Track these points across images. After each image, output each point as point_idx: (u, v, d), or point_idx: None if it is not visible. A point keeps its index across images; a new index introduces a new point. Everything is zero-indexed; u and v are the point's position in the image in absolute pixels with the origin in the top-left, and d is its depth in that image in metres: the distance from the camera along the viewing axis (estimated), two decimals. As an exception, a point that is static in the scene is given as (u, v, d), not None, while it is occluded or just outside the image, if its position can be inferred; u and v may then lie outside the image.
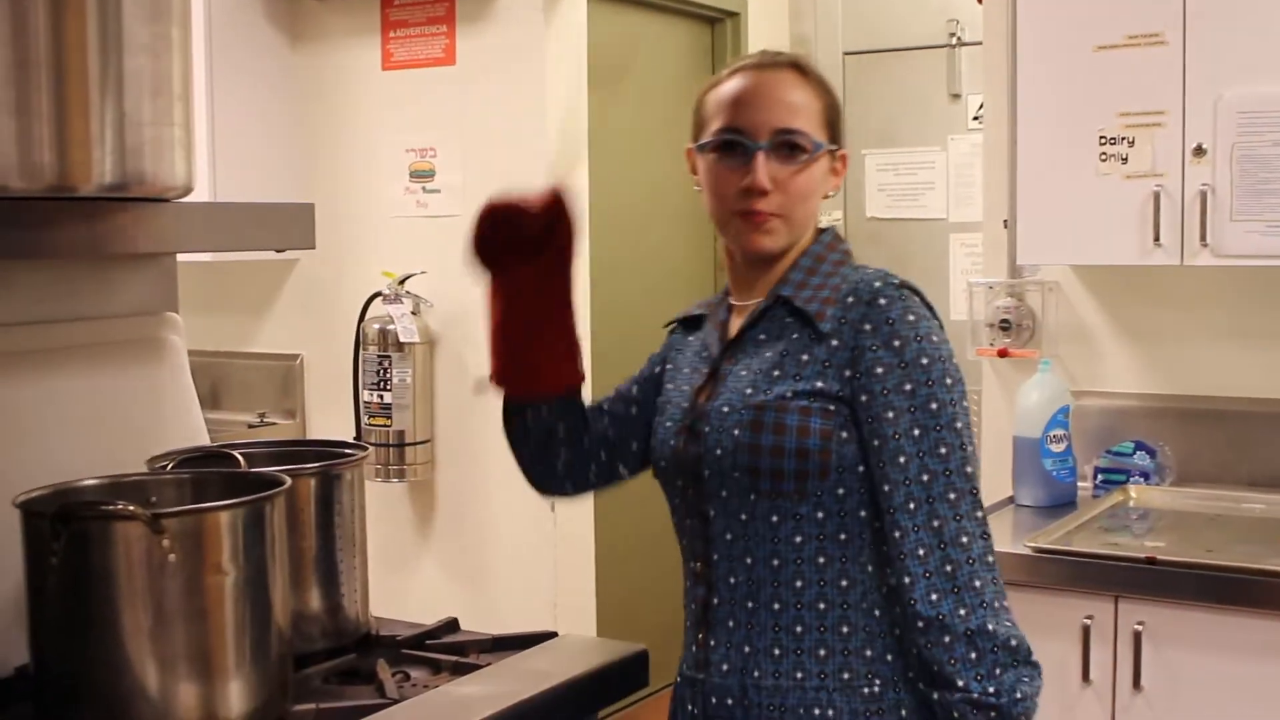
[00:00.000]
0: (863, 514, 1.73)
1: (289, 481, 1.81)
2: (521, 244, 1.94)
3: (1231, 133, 2.90)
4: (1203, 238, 2.93)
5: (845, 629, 1.73)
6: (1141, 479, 3.23)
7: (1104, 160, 3.04)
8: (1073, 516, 3.02)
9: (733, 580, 1.77)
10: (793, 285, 1.82)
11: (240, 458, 2.02)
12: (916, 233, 5.25)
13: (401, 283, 4.11)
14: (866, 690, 1.72)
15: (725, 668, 1.77)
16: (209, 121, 4.03)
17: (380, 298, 4.12)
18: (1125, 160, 3.02)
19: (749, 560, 1.76)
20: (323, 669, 1.99)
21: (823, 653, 1.73)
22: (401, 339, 4.07)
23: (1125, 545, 2.84)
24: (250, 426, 4.45)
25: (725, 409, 1.78)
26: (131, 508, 1.63)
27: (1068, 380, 3.35)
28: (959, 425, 1.71)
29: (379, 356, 4.11)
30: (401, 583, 4.26)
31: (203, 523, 1.68)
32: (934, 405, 1.70)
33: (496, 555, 4.16)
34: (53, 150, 1.67)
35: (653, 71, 4.75)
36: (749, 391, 1.77)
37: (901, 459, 1.69)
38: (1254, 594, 2.61)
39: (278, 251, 2.07)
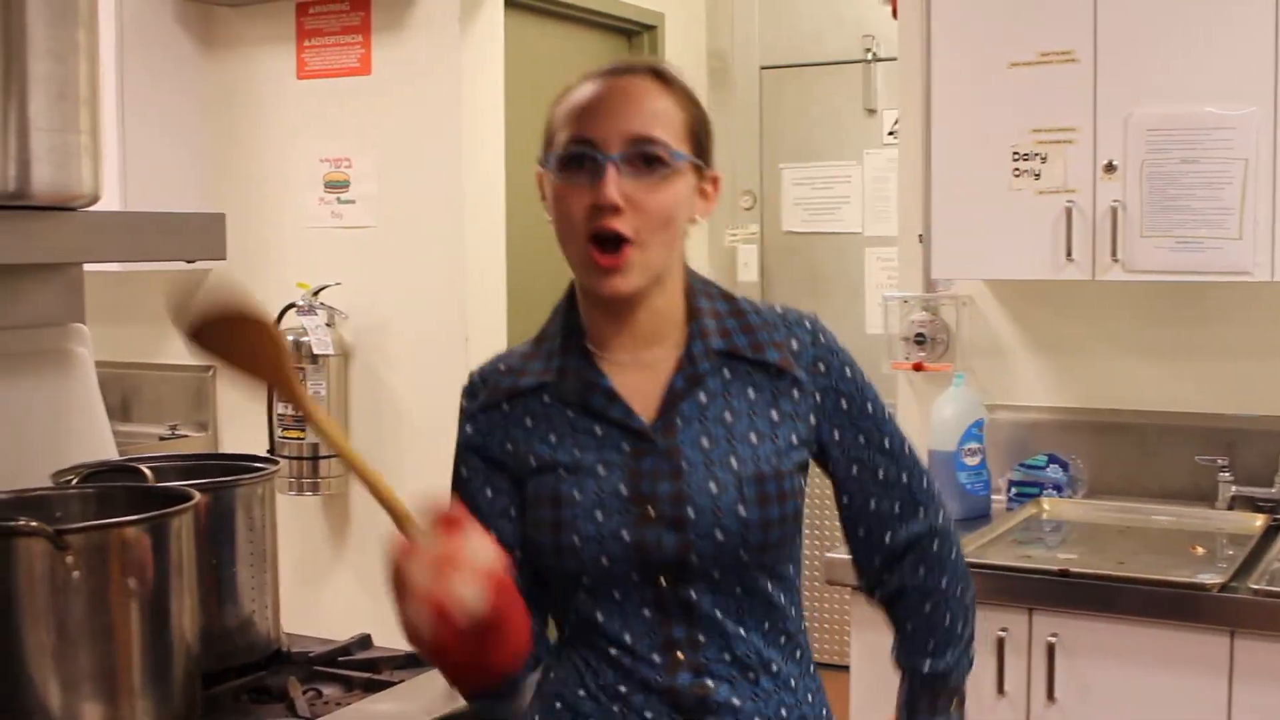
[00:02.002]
0: (798, 542, 1.71)
1: (197, 496, 1.78)
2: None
3: (1141, 150, 2.94)
4: (1114, 253, 2.96)
5: (812, 668, 1.72)
6: (1054, 491, 3.26)
7: (1017, 175, 3.07)
8: (987, 529, 3.05)
9: (728, 657, 1.62)
10: (717, 335, 1.66)
11: (148, 472, 1.98)
12: (833, 247, 5.28)
13: (316, 294, 4.06)
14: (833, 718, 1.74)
15: None
16: (119, 128, 3.96)
17: (294, 309, 4.08)
18: (1038, 176, 3.05)
19: (743, 631, 1.63)
20: (233, 686, 1.96)
21: (810, 697, 1.69)
22: (316, 351, 4.03)
23: (1039, 558, 2.87)
24: (161, 439, 4.38)
25: (713, 488, 1.60)
26: (34, 524, 1.60)
27: (981, 394, 3.37)
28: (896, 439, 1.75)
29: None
30: (314, 596, 4.21)
31: (107, 538, 1.65)
32: (883, 418, 1.74)
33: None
34: (-47, 156, 1.63)
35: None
36: (734, 463, 1.61)
37: (880, 474, 1.72)
38: (1164, 605, 2.64)
39: (188, 262, 2.03)
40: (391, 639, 2.24)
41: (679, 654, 1.61)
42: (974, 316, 3.48)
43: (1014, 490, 3.30)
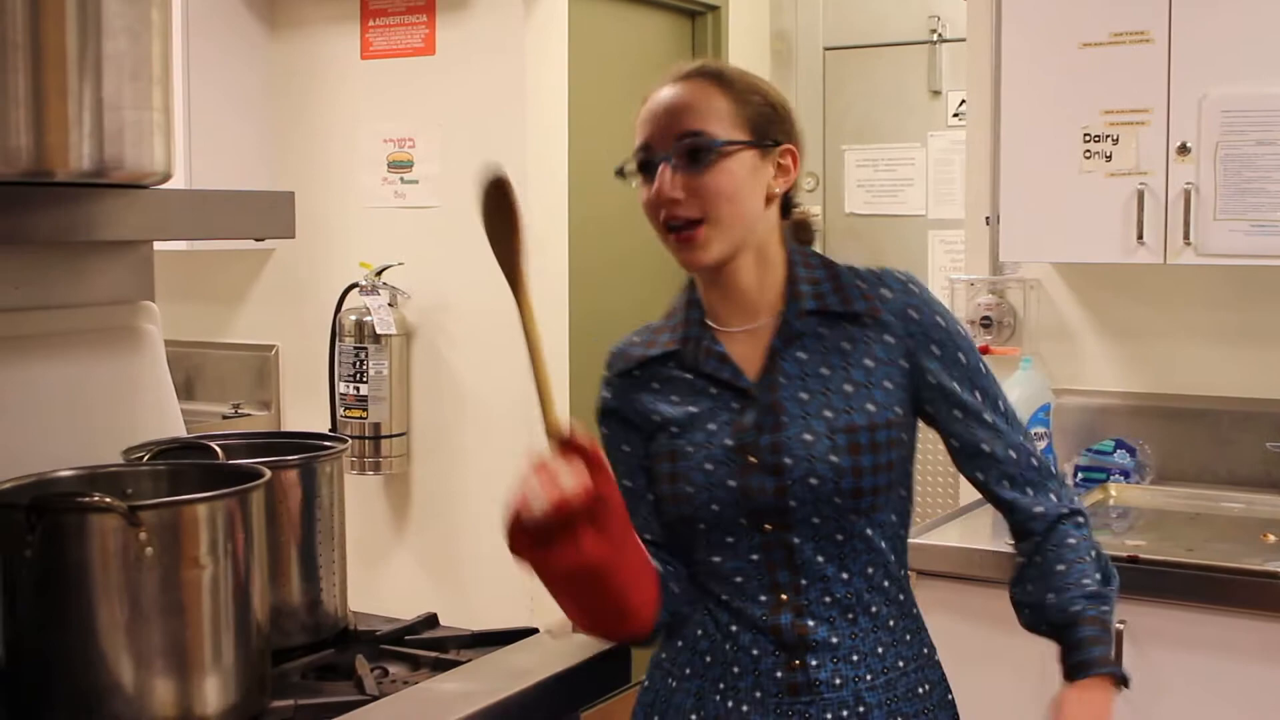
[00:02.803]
0: (905, 494, 1.85)
1: (268, 474, 1.78)
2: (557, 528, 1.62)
3: (1215, 131, 2.89)
4: (1186, 236, 2.92)
5: (914, 610, 1.87)
6: (1121, 477, 3.22)
7: (1088, 158, 3.03)
8: (1053, 515, 3.01)
9: (828, 599, 1.78)
10: (810, 298, 1.80)
11: (218, 449, 1.99)
12: (895, 229, 5.24)
13: (378, 274, 4.08)
14: (935, 657, 1.88)
15: (838, 682, 1.77)
16: (185, 108, 3.99)
17: (357, 289, 4.09)
18: (1109, 158, 3.01)
19: (845, 575, 1.78)
20: (301, 664, 1.96)
21: (909, 637, 1.84)
22: (378, 331, 4.04)
23: (1106, 544, 2.80)
24: (224, 418, 4.41)
25: (808, 437, 1.75)
26: (108, 500, 1.60)
27: (1048, 378, 3.34)
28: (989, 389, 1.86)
29: (355, 348, 4.07)
30: (376, 577, 4.23)
31: (180, 515, 1.65)
32: (979, 368, 1.84)
33: (472, 549, 4.13)
34: (30, 134, 1.64)
35: (632, 66, 4.72)
36: (829, 415, 1.76)
37: (987, 416, 1.82)
38: (1233, 593, 2.60)
39: (257, 240, 2.04)
40: (457, 618, 2.25)
41: (783, 595, 1.78)
42: (1041, 300, 3.44)
43: (1081, 476, 3.26)
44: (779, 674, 1.77)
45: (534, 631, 2.09)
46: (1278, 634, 2.55)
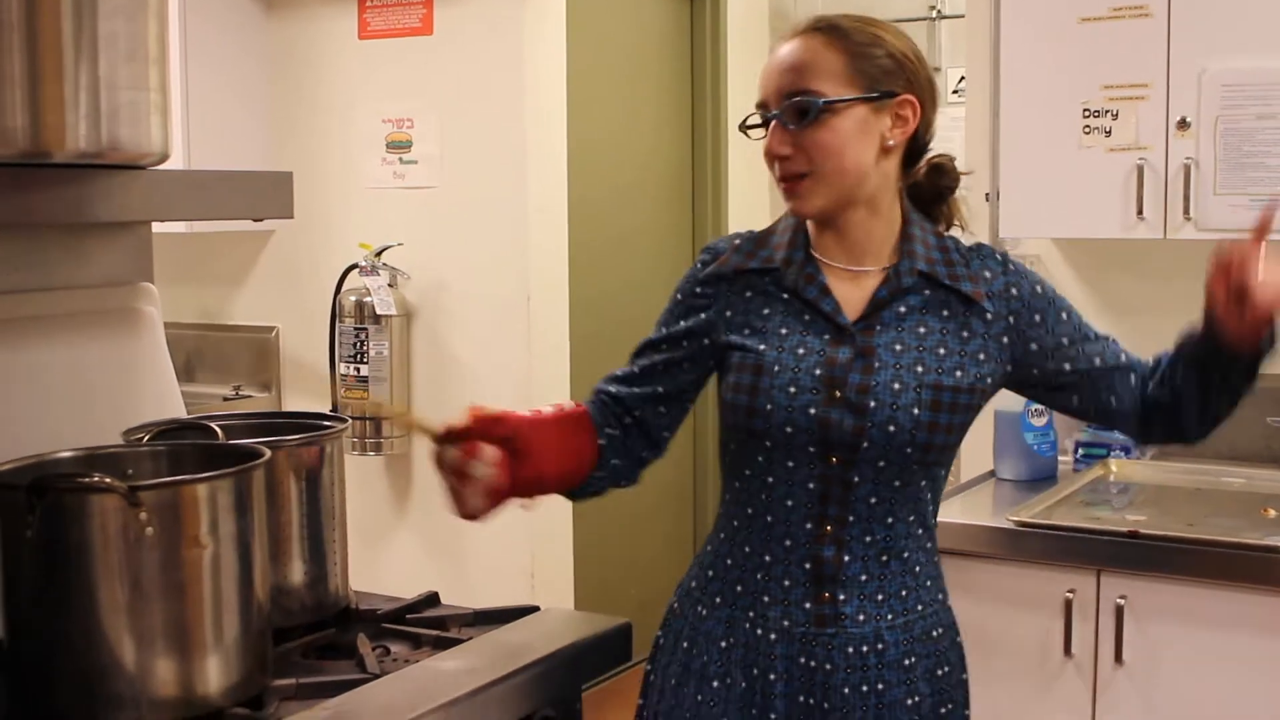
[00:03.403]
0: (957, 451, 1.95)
1: (268, 454, 1.78)
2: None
3: (1215, 106, 2.89)
4: (1186, 211, 2.92)
5: (937, 557, 1.97)
6: (1122, 453, 3.22)
7: (1087, 133, 3.03)
8: (1054, 490, 3.02)
9: (869, 539, 1.87)
10: (923, 260, 1.89)
11: (218, 430, 1.99)
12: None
13: (378, 255, 4.07)
14: (949, 603, 1.98)
15: (861, 618, 1.87)
16: (183, 88, 3.98)
17: (357, 270, 4.09)
18: (1109, 133, 3.01)
19: (890, 520, 1.88)
20: (302, 643, 1.96)
21: (929, 583, 1.94)
22: (378, 311, 4.04)
23: (1107, 519, 2.84)
24: (225, 399, 4.42)
25: (896, 386, 1.84)
26: (108, 480, 1.60)
27: (1049, 354, 3.33)
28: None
29: (355, 329, 4.07)
30: (377, 556, 4.24)
31: (180, 495, 1.65)
32: (1080, 320, 2.00)
33: (473, 528, 4.11)
34: (26, 115, 1.63)
35: (630, 45, 4.71)
36: (920, 370, 1.85)
37: (1098, 360, 1.97)
38: (1234, 568, 2.61)
39: (255, 221, 2.03)
40: (458, 597, 2.26)
41: (828, 527, 1.87)
42: (1042, 275, 3.42)
43: (1081, 451, 3.26)
44: (807, 605, 1.87)
45: (536, 609, 2.09)
46: (1279, 609, 2.56)
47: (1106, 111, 3.00)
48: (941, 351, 1.87)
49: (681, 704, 1.94)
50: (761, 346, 1.89)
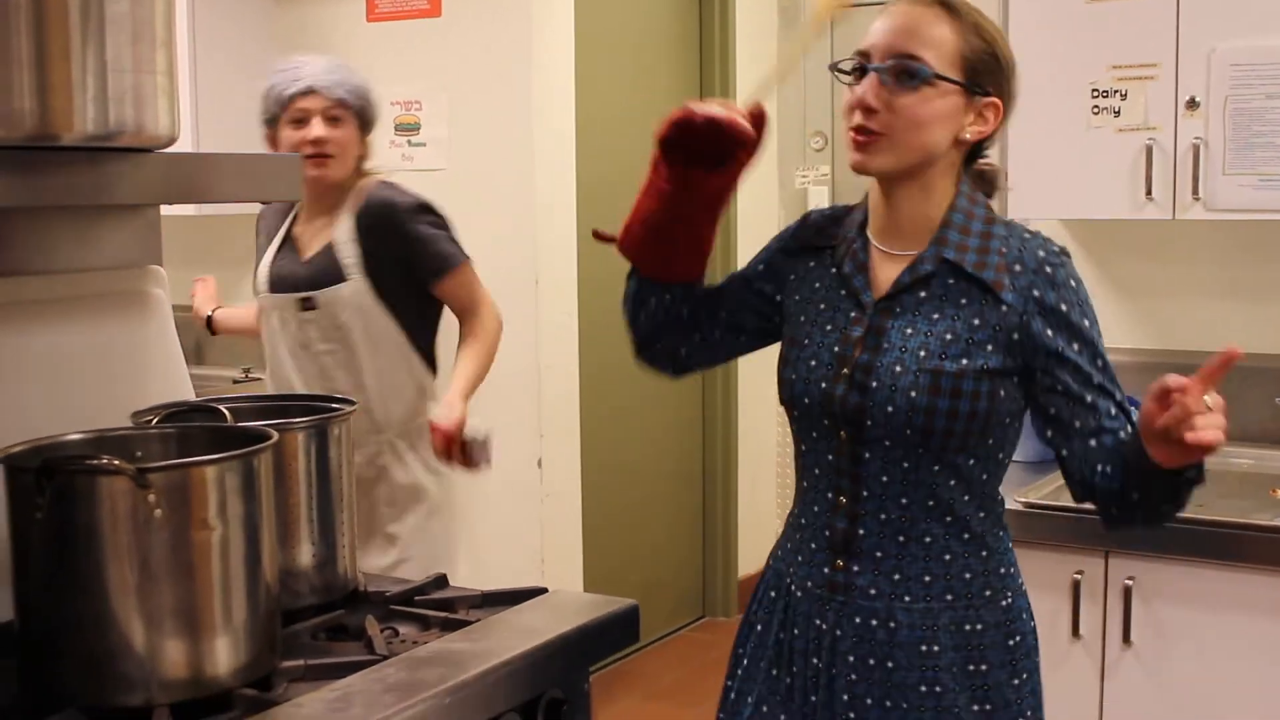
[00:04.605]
0: (1000, 455, 1.93)
1: (276, 436, 1.79)
2: (705, 156, 1.91)
3: (1225, 85, 2.88)
4: (1194, 191, 2.91)
5: (984, 553, 1.93)
6: (1131, 434, 3.21)
7: (1096, 113, 3.02)
8: (1063, 472, 3.01)
9: (884, 517, 1.91)
10: (954, 247, 1.89)
11: (226, 412, 1.99)
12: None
13: (387, 237, 4.06)
14: (1004, 602, 1.94)
15: (873, 592, 1.92)
16: (191, 71, 3.98)
17: (365, 252, 4.08)
18: (1118, 113, 3.00)
19: (904, 501, 1.90)
20: (311, 625, 1.97)
21: (968, 575, 1.91)
22: (387, 294, 4.03)
23: (1115, 500, 2.83)
24: (235, 383, 4.42)
25: (898, 369, 1.87)
26: (117, 462, 1.61)
27: (1057, 335, 3.33)
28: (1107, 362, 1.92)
29: (364, 311, 4.06)
30: (387, 539, 4.23)
31: (189, 477, 1.66)
32: (1093, 353, 1.90)
33: (483, 511, 4.14)
34: (33, 98, 1.63)
35: (638, 26, 4.70)
36: (922, 355, 1.87)
37: (1087, 398, 1.87)
38: (1243, 549, 2.61)
39: (264, 204, 2.03)
40: (465, 579, 2.26)
41: (842, 499, 1.93)
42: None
43: (1090, 433, 3.26)
44: (825, 569, 1.95)
45: (544, 591, 2.09)
46: (1287, 589, 2.56)
47: (1115, 91, 3.00)
48: (949, 337, 1.87)
49: (744, 642, 2.10)
50: (802, 318, 1.99)
